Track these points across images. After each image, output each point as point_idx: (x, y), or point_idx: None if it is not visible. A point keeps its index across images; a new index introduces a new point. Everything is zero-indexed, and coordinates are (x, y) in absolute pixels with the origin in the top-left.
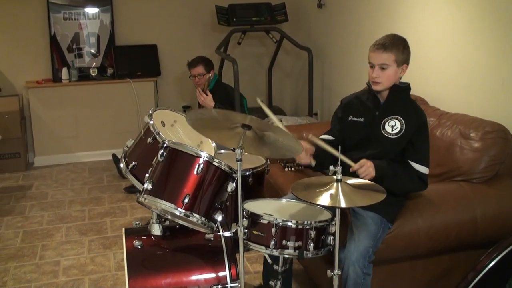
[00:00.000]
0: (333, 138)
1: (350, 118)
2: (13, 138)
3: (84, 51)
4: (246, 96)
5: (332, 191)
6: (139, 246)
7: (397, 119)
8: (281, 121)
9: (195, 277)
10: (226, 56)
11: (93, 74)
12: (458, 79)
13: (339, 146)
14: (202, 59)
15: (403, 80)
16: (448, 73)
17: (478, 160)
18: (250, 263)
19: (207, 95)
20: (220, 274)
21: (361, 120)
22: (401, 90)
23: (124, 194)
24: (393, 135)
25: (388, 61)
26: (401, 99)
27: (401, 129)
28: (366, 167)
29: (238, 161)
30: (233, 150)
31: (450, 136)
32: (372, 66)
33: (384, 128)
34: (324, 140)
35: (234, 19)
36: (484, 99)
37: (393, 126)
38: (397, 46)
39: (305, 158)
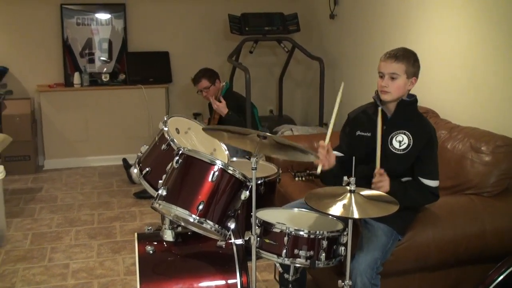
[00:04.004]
0: (342, 154)
1: (358, 132)
2: (23, 141)
3: (95, 57)
4: (257, 105)
5: (345, 201)
6: (151, 251)
7: (404, 134)
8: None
9: (206, 283)
10: (238, 65)
11: (104, 80)
12: (469, 92)
13: (353, 157)
14: (204, 73)
15: (412, 92)
16: (460, 87)
17: (489, 174)
18: (259, 271)
19: (220, 101)
20: (231, 281)
21: (369, 134)
22: (408, 104)
23: (134, 200)
24: (400, 151)
25: (399, 71)
26: (408, 113)
27: (408, 144)
28: (385, 179)
29: (253, 169)
30: (248, 158)
31: (461, 149)
32: (381, 76)
33: (391, 144)
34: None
35: (247, 28)
36: (495, 113)
37: (400, 142)
38: (408, 58)
39: (325, 159)
